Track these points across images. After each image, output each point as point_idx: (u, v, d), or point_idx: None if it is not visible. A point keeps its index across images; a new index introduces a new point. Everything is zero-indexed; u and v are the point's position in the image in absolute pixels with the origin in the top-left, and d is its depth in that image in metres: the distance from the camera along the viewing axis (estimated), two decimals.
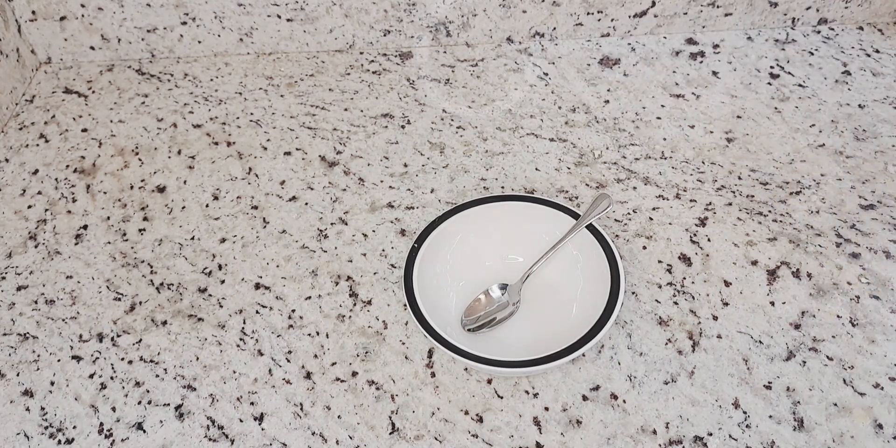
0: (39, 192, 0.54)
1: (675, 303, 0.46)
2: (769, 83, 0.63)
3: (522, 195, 0.50)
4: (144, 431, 0.41)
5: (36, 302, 0.47)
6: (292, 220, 0.52)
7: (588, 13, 0.65)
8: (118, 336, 0.45)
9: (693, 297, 0.46)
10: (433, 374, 0.43)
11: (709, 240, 0.50)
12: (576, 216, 0.48)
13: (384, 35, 0.66)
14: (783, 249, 0.49)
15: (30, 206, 0.53)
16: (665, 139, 0.58)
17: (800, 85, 0.62)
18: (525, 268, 0.48)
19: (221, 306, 0.47)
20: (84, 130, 0.59)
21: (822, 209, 0.52)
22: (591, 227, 0.47)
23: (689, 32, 0.68)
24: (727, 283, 0.47)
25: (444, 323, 0.43)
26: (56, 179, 0.55)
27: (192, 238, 0.51)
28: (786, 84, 0.63)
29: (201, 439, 0.40)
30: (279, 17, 0.64)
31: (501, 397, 0.42)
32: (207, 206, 0.53)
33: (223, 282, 0.48)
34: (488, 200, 0.49)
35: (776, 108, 0.60)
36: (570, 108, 0.60)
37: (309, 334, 0.45)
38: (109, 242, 0.51)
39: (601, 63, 0.65)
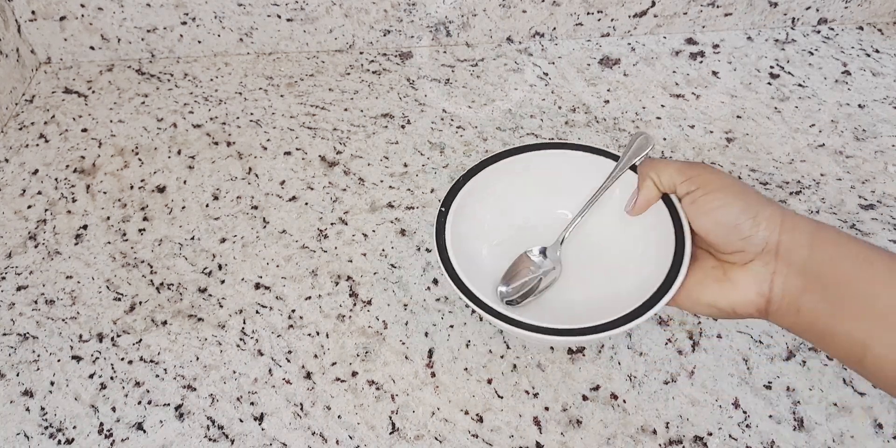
0: (39, 192, 0.54)
1: None
2: (769, 83, 0.63)
3: (556, 142, 0.44)
4: (144, 431, 0.41)
5: (36, 302, 0.47)
6: (292, 220, 0.52)
7: (588, 13, 0.65)
8: (118, 336, 0.45)
9: None
10: (433, 374, 0.43)
11: None
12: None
13: (384, 35, 0.66)
14: None
15: (30, 206, 0.53)
16: (665, 139, 0.58)
17: (800, 85, 0.62)
18: (566, 221, 0.43)
19: (221, 306, 0.47)
20: (84, 130, 0.59)
21: (822, 209, 0.52)
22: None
23: (688, 32, 0.68)
24: None
25: (483, 293, 0.38)
26: (56, 179, 0.55)
27: (192, 238, 0.51)
28: (786, 84, 0.63)
29: (201, 439, 0.40)
30: (279, 16, 0.64)
31: (501, 397, 0.42)
32: (207, 206, 0.53)
33: (223, 282, 0.48)
34: (517, 152, 0.43)
35: (776, 108, 0.60)
36: (570, 107, 0.60)
37: (309, 334, 0.45)
38: (109, 242, 0.51)
39: (601, 63, 0.65)
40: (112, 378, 0.43)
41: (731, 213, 0.34)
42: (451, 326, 0.45)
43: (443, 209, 0.42)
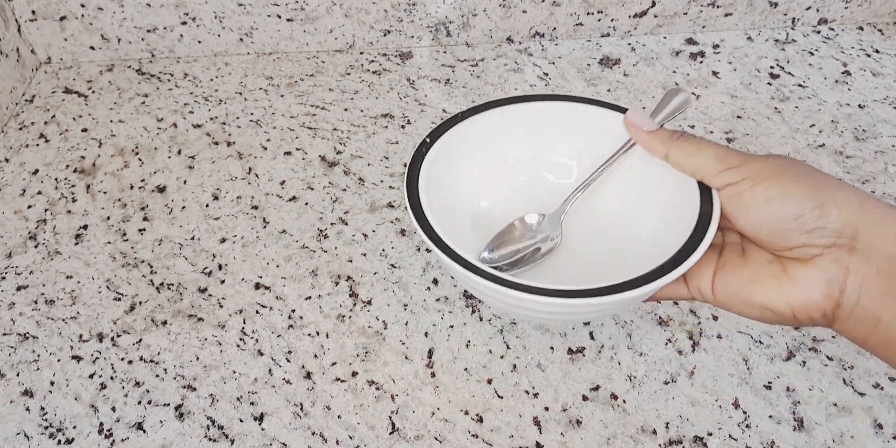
0: (39, 192, 0.54)
1: (676, 303, 0.46)
2: (769, 83, 0.63)
3: (574, 95, 0.38)
4: (144, 431, 0.41)
5: (36, 302, 0.47)
6: (292, 220, 0.52)
7: (588, 13, 0.65)
8: (118, 336, 0.45)
9: None
10: (433, 374, 0.43)
11: None
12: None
13: (384, 35, 0.66)
14: None
15: (30, 206, 0.53)
16: None
17: (800, 85, 0.63)
18: (570, 189, 0.37)
19: (221, 306, 0.47)
20: (84, 130, 0.59)
21: None
22: None
23: (689, 32, 0.68)
24: None
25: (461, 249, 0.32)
26: (56, 179, 0.55)
27: (192, 238, 0.51)
28: (786, 84, 0.63)
29: (201, 439, 0.40)
30: (279, 17, 0.64)
31: (501, 397, 0.42)
32: (207, 206, 0.53)
33: (223, 282, 0.48)
34: (526, 99, 0.37)
35: (776, 108, 0.60)
36: None
37: (309, 334, 0.45)
38: (109, 242, 0.51)
39: (601, 63, 0.65)
40: (112, 378, 0.43)
41: (790, 203, 0.28)
42: (451, 326, 0.45)
43: (427, 140, 0.35)
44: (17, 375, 0.43)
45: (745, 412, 0.41)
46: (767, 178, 0.30)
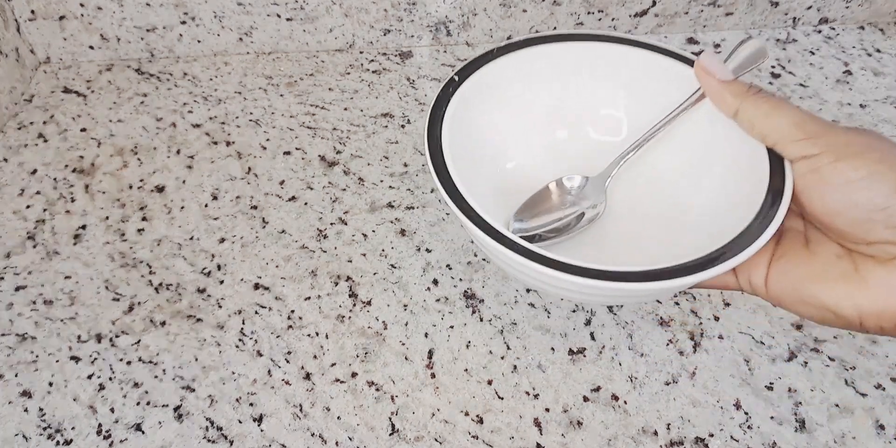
0: (38, 192, 0.54)
1: (677, 303, 0.46)
2: (770, 83, 0.63)
3: (631, 38, 0.33)
4: (143, 432, 0.40)
5: (34, 302, 0.47)
6: (292, 220, 0.52)
7: (588, 12, 0.65)
8: (117, 337, 0.45)
9: (694, 298, 0.46)
10: (433, 375, 0.43)
11: None
12: None
13: (384, 34, 0.66)
14: None
15: (28, 206, 0.53)
16: None
17: (801, 84, 0.62)
18: (620, 149, 0.32)
19: (220, 307, 0.46)
20: (83, 130, 0.59)
21: None
22: None
23: (689, 32, 0.68)
24: None
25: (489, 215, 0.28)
26: (55, 179, 0.55)
27: (191, 238, 0.51)
28: (787, 84, 0.62)
29: (200, 440, 0.40)
30: (279, 16, 0.63)
31: (502, 398, 0.42)
32: (206, 206, 0.53)
33: (222, 282, 0.48)
34: (574, 38, 0.32)
35: None
36: None
37: (308, 335, 0.45)
38: (108, 242, 0.50)
39: None
40: (111, 379, 0.43)
41: (880, 189, 0.24)
42: (452, 327, 0.45)
43: (455, 78, 0.30)
44: (16, 376, 0.43)
45: (746, 413, 0.41)
46: (851, 155, 0.25)
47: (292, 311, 0.46)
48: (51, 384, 0.43)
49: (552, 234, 0.32)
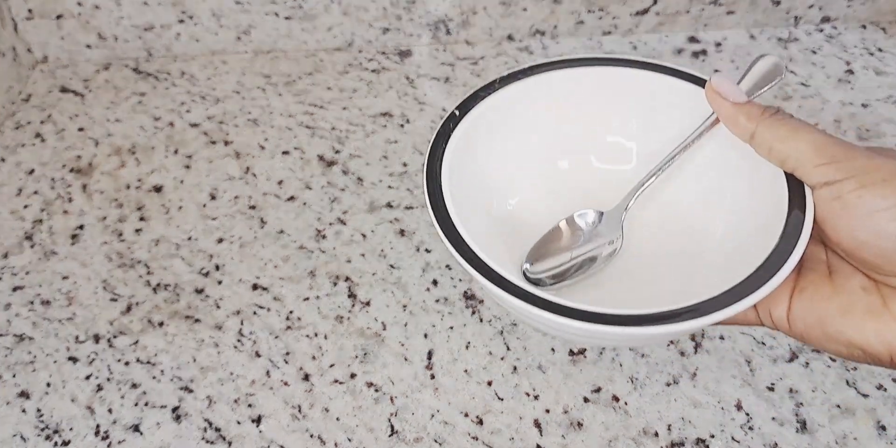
0: (35, 192, 0.54)
1: None
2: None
3: (637, 59, 0.31)
4: (141, 433, 0.40)
5: (32, 303, 0.47)
6: (290, 220, 0.51)
7: (589, 11, 0.65)
8: (114, 337, 0.45)
9: None
10: (433, 376, 0.42)
11: None
12: None
13: (383, 33, 0.65)
14: None
15: (26, 206, 0.53)
16: None
17: (803, 84, 0.62)
18: (628, 178, 0.30)
19: (219, 307, 0.46)
20: (80, 129, 0.59)
21: None
22: None
23: (691, 31, 0.68)
24: None
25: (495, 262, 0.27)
26: (52, 179, 0.55)
27: (189, 238, 0.50)
28: (788, 83, 0.62)
29: (198, 441, 0.40)
30: (277, 15, 0.63)
31: (502, 399, 0.41)
32: (205, 205, 0.53)
33: (220, 282, 0.48)
34: (578, 63, 0.30)
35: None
36: None
37: (307, 335, 0.45)
38: (106, 243, 0.50)
39: None
40: (108, 379, 0.43)
41: None
42: (451, 328, 0.45)
43: (456, 113, 0.28)
44: (14, 377, 0.43)
45: (747, 414, 0.40)
46: (878, 182, 0.23)
47: (291, 312, 0.46)
48: (48, 385, 0.43)
49: (568, 275, 0.31)
